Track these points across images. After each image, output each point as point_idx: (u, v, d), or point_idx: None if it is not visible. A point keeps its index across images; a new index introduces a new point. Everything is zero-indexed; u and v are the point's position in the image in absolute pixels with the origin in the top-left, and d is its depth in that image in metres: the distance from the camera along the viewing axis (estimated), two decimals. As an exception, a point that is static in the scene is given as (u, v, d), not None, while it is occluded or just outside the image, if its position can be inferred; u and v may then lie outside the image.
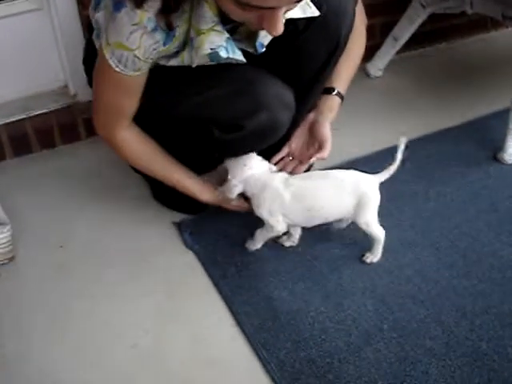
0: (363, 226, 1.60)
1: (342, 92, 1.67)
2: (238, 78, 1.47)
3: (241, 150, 1.60)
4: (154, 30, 1.30)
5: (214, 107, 1.49)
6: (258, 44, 1.45)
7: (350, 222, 1.68)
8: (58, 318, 1.56)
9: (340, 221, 1.68)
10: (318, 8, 1.46)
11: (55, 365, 1.45)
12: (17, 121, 2.07)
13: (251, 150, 1.62)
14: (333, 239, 1.72)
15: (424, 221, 1.78)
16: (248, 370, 1.43)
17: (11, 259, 1.70)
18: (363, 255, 1.66)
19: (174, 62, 1.43)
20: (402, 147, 1.62)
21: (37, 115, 2.09)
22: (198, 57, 1.37)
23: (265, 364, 1.42)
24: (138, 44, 1.32)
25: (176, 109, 1.53)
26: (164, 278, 1.64)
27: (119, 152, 1.60)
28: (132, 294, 1.61)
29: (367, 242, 1.67)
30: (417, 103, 2.33)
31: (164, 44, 1.34)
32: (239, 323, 1.52)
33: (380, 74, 2.50)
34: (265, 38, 1.45)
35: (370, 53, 2.43)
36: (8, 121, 2.06)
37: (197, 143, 1.60)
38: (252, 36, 1.45)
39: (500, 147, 2.01)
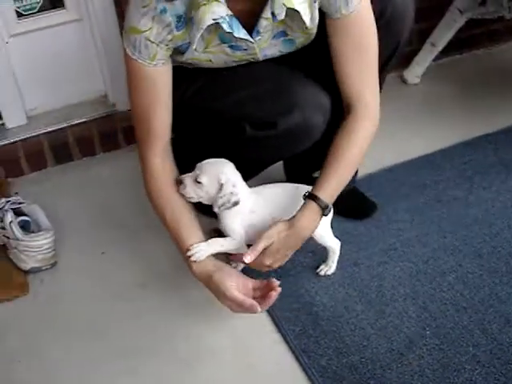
0: (317, 238, 1.57)
1: (324, 199, 1.46)
2: (275, 77, 1.47)
3: (271, 152, 1.58)
4: (163, 11, 1.32)
5: (249, 104, 1.48)
6: (254, 31, 1.39)
7: None
8: (99, 323, 1.58)
9: None
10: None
11: (95, 370, 1.47)
12: (58, 129, 2.11)
13: (282, 153, 1.61)
14: (373, 246, 1.72)
15: (465, 227, 1.76)
16: (289, 375, 1.43)
17: (53, 265, 1.73)
18: (317, 267, 1.65)
19: (188, 55, 1.42)
20: None
21: (77, 124, 2.12)
22: (198, 30, 1.33)
23: (306, 370, 1.42)
24: (150, 25, 1.34)
25: (211, 106, 1.52)
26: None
27: (144, 177, 1.53)
28: (174, 299, 1.62)
29: (409, 247, 1.66)
30: (455, 110, 2.31)
31: (177, 28, 1.35)
32: (280, 329, 1.52)
33: (417, 80, 2.48)
34: (263, 28, 1.39)
35: (407, 59, 2.42)
36: (49, 129, 2.10)
37: (227, 141, 1.56)
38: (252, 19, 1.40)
39: (541, 153, 1.99)
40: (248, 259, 1.42)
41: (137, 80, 1.45)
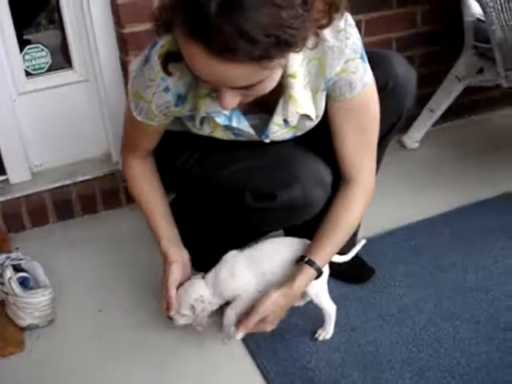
0: (314, 298, 1.57)
1: (319, 264, 1.49)
2: (277, 150, 1.49)
3: (271, 222, 1.60)
4: (166, 90, 1.36)
5: (251, 175, 1.50)
6: (264, 134, 1.46)
7: (307, 299, 1.63)
8: (96, 380, 1.57)
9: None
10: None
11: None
12: (62, 186, 2.14)
13: (282, 224, 1.64)
14: (370, 311, 1.72)
15: (463, 293, 1.76)
16: None
17: (51, 322, 1.73)
18: (315, 332, 1.64)
19: (193, 129, 1.49)
20: (358, 247, 1.66)
21: (81, 181, 2.15)
22: (196, 118, 1.41)
23: None
24: (150, 98, 1.40)
25: (214, 174, 1.54)
26: (200, 346, 1.64)
27: (125, 177, 1.66)
28: (171, 359, 1.61)
29: (406, 313, 1.66)
30: (454, 175, 2.34)
31: (176, 105, 1.40)
32: (275, 393, 1.51)
33: (416, 145, 2.52)
34: (274, 133, 1.45)
35: (406, 124, 2.45)
36: (53, 186, 2.13)
37: (228, 210, 1.59)
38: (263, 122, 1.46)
39: (540, 220, 2.00)
40: (239, 336, 1.46)
41: (132, 124, 1.52)
